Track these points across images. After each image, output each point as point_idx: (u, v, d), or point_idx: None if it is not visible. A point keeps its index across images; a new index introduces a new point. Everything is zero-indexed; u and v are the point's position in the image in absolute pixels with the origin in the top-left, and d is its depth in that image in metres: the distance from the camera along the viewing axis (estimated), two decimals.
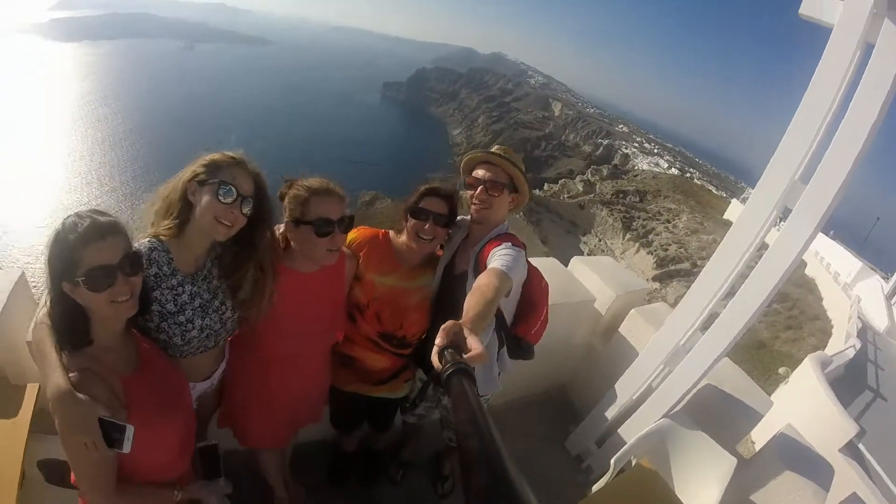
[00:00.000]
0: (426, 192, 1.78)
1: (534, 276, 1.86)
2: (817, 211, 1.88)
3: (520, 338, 1.87)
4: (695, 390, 2.51)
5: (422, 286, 1.93)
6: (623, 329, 3.32)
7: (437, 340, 0.92)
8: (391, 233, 1.95)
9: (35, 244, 44.85)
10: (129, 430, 1.15)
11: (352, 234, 1.88)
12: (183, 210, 1.37)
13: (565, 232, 45.87)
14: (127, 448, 1.15)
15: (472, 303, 1.24)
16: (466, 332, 0.95)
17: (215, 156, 1.39)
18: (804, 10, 1.89)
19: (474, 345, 0.92)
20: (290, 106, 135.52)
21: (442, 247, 1.99)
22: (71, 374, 1.13)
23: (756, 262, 2.20)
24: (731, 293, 2.33)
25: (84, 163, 78.74)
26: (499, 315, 1.82)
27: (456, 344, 0.92)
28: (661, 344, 2.65)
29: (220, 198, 1.33)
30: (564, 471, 3.04)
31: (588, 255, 24.22)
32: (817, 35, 1.92)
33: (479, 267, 1.65)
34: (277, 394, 1.81)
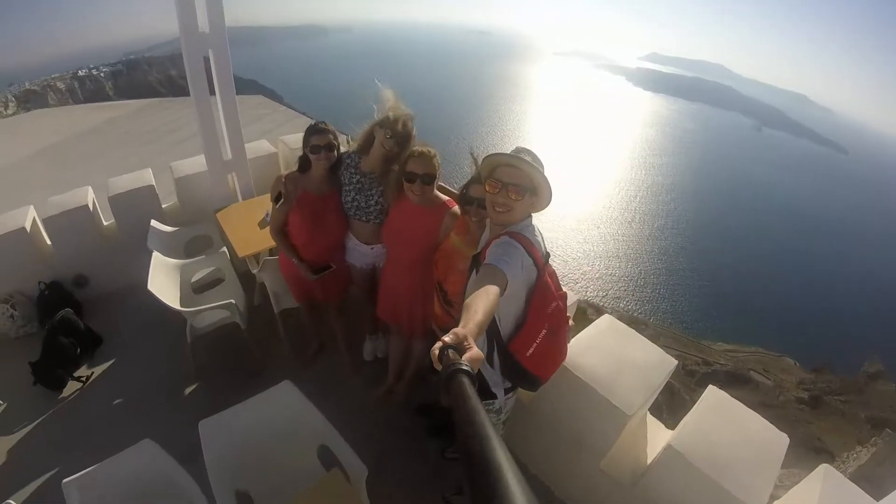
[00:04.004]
0: (470, 182, 2.08)
1: (542, 293, 1.64)
2: None
3: (511, 354, 1.67)
4: None
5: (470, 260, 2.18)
6: None
7: (441, 341, 0.95)
8: None
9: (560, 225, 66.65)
10: (282, 202, 2.49)
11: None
12: (369, 138, 2.40)
13: None
14: (280, 207, 2.51)
15: (473, 308, 1.20)
16: (470, 341, 0.98)
17: (390, 113, 2.27)
18: None
19: (472, 350, 0.94)
20: (857, 225, 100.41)
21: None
22: (289, 173, 2.50)
23: None
24: None
25: (623, 190, 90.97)
26: (492, 321, 1.66)
27: (458, 347, 0.94)
28: None
29: (384, 135, 2.28)
30: None
31: None
32: None
33: (481, 259, 1.64)
34: (389, 284, 2.65)
